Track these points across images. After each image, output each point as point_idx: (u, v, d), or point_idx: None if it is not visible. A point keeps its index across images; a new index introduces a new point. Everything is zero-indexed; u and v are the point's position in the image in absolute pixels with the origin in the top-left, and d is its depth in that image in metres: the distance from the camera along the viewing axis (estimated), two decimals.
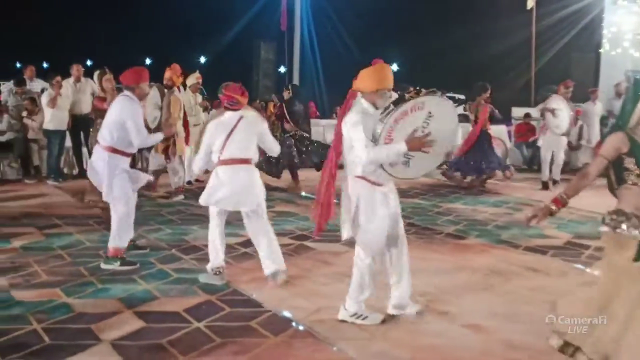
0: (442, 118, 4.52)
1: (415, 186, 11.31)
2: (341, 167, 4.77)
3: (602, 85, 19.79)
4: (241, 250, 6.75)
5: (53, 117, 10.89)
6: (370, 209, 4.60)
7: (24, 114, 11.40)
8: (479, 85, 11.42)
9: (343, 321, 4.75)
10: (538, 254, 6.91)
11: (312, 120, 15.72)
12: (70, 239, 7.09)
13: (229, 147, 5.47)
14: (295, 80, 24.20)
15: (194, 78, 10.67)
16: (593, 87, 18.20)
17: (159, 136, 6.44)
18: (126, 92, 6.06)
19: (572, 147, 13.93)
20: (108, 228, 6.27)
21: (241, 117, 5.55)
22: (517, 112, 17.85)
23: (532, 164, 14.15)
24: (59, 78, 10.96)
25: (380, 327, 4.74)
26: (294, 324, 4.76)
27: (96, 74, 9.28)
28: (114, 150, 5.96)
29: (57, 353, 4.15)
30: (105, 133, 5.99)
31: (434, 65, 31.85)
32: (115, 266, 5.96)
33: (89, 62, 38.62)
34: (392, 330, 4.68)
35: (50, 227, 7.64)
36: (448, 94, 22.60)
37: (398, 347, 4.41)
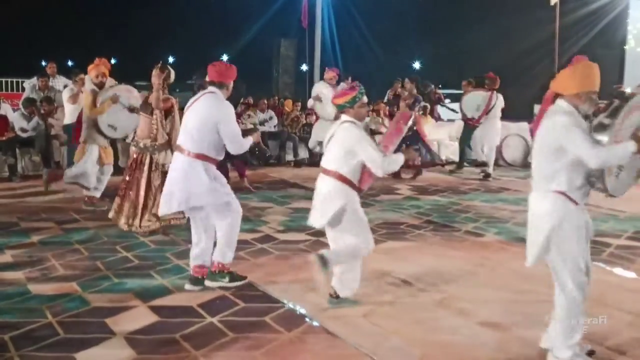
0: None
1: (436, 183, 11.24)
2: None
3: (627, 82, 19.53)
4: (257, 246, 6.75)
5: (73, 113, 10.97)
6: (574, 233, 3.94)
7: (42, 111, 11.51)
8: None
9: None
10: None
11: None
12: (88, 233, 7.14)
13: None
14: (316, 78, 24.17)
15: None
16: (618, 84, 17.94)
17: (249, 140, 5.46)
18: (212, 89, 5.22)
19: None
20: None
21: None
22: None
23: None
24: (82, 75, 11.04)
25: (395, 323, 4.70)
26: (307, 319, 4.74)
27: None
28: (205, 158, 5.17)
29: (70, 346, 4.17)
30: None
31: (456, 62, 31.57)
32: (224, 282, 5.35)
33: (113, 61, 39.06)
34: (406, 327, 4.63)
35: (69, 222, 7.70)
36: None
37: (412, 343, 4.37)
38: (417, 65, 38.99)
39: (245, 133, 5.53)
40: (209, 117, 5.06)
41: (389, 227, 7.73)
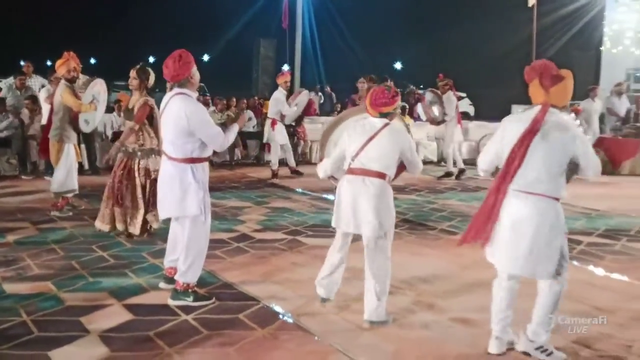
0: None
1: (414, 183, 11.32)
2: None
3: (603, 83, 19.80)
4: (234, 245, 6.78)
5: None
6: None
7: (25, 111, 11.43)
8: None
9: (526, 354, 4.21)
10: None
11: (312, 118, 15.78)
12: (64, 233, 7.12)
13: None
14: (297, 78, 24.24)
15: None
16: (594, 85, 18.16)
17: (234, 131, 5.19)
18: (177, 90, 4.94)
19: None
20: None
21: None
22: (517, 109, 17.82)
23: None
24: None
25: None
26: (281, 317, 4.78)
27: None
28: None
29: (44, 344, 4.18)
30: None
31: (435, 63, 31.78)
32: (188, 301, 5.01)
33: (92, 60, 38.74)
34: (381, 325, 4.68)
35: (45, 222, 7.67)
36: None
37: (385, 339, 4.43)
38: (398, 65, 39.21)
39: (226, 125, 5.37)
40: (180, 124, 4.82)
41: None
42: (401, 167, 4.82)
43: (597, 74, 22.09)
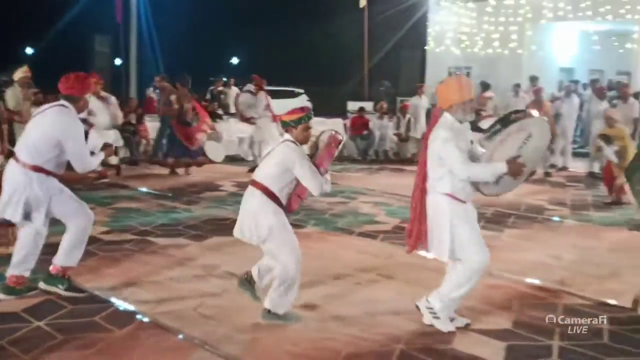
0: (538, 139, 4.61)
1: None
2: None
3: (429, 80, 21.28)
4: None
5: None
6: (466, 224, 4.57)
7: None
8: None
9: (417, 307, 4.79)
10: (369, 238, 7.45)
11: (152, 115, 15.53)
12: None
13: None
14: (133, 73, 23.64)
15: (22, 72, 10.36)
16: (420, 82, 19.49)
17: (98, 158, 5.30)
18: (63, 102, 5.01)
19: (402, 139, 14.92)
20: None
21: None
22: (352, 106, 18.72)
23: (366, 155, 14.96)
24: None
25: (224, 313, 4.97)
26: (138, 316, 4.86)
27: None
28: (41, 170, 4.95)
29: None
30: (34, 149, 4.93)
31: (273, 59, 32.35)
32: (60, 290, 5.14)
33: None
34: (236, 316, 4.91)
35: None
36: (288, 88, 23.19)
37: (242, 330, 4.67)
38: (235, 61, 39.34)
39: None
40: (51, 133, 4.84)
41: (213, 223, 7.96)
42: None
43: (423, 72, 23.65)
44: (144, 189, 10.26)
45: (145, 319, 4.82)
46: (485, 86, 17.72)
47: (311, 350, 4.39)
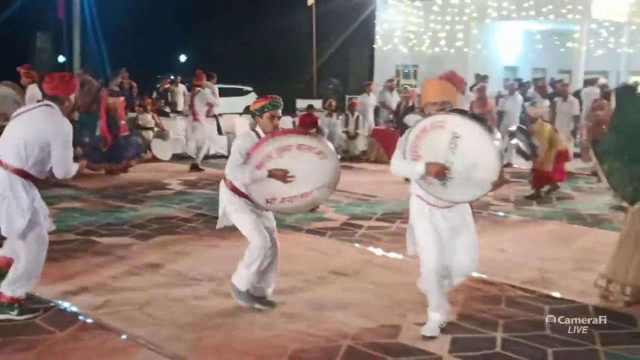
0: (472, 141, 4.19)
1: (206, 177, 11.51)
2: None
3: (376, 78, 21.47)
4: None
5: None
6: (421, 224, 4.55)
7: None
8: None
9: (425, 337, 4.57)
10: (318, 235, 7.47)
11: None
12: None
13: None
14: (77, 69, 23.13)
15: None
16: (369, 80, 19.62)
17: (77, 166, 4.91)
18: (48, 102, 4.72)
19: (351, 137, 14.99)
20: None
21: None
22: (301, 103, 18.73)
23: None
24: None
25: (169, 312, 4.91)
26: (81, 317, 4.76)
27: None
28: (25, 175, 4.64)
29: None
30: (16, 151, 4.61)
31: (221, 57, 32.12)
32: (13, 315, 4.72)
33: None
34: (182, 316, 4.86)
35: None
36: (236, 86, 23.04)
37: (187, 329, 4.62)
38: (183, 58, 38.91)
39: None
40: (42, 133, 4.56)
41: (160, 222, 7.85)
42: None
43: (371, 70, 23.84)
44: (88, 188, 10.04)
45: (88, 320, 4.72)
46: None
47: (258, 347, 4.37)
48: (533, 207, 9.43)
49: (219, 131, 14.78)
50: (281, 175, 4.72)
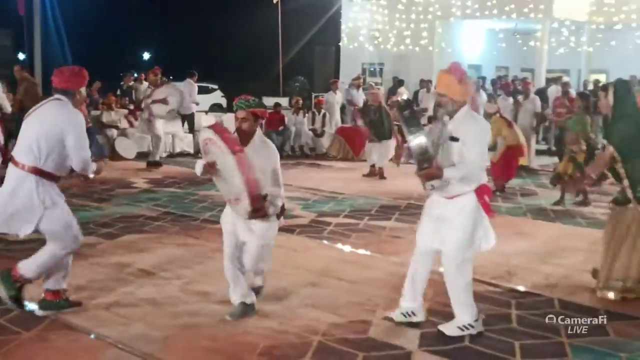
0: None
1: (173, 175, 11.42)
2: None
3: (342, 76, 21.52)
4: None
5: None
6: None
7: None
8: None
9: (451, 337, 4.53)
10: (286, 233, 7.43)
11: None
12: None
13: None
14: (37, 67, 22.72)
15: None
16: (335, 78, 19.67)
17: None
18: (58, 96, 4.65)
19: (317, 134, 15.02)
20: None
21: None
22: (268, 101, 18.64)
23: (282, 150, 14.95)
24: None
25: (138, 311, 4.86)
26: (47, 317, 4.69)
27: None
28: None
29: None
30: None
31: (186, 54, 31.86)
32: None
33: None
34: (149, 314, 4.82)
35: None
36: (201, 84, 22.85)
37: (155, 328, 4.57)
38: (146, 56, 38.51)
39: None
40: (54, 126, 4.49)
41: (126, 221, 7.77)
42: None
43: (338, 68, 23.88)
44: None
45: (55, 320, 4.64)
46: (399, 82, 18.13)
47: (228, 345, 4.35)
48: (498, 202, 9.55)
49: (192, 129, 14.73)
50: (207, 167, 4.69)
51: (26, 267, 4.68)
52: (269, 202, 4.69)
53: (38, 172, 4.51)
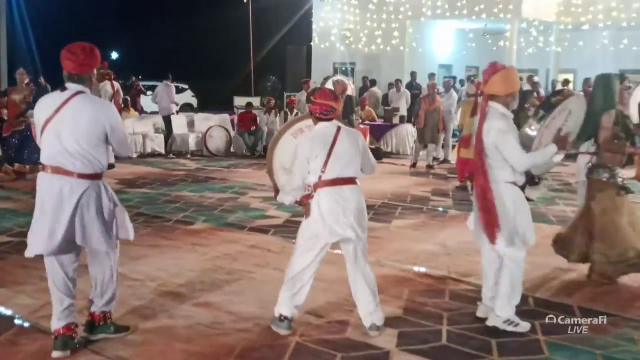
0: (577, 113, 4.87)
1: (143, 176, 11.29)
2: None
3: (314, 76, 21.48)
4: None
5: None
6: (525, 210, 4.68)
7: None
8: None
9: (494, 327, 4.62)
10: (261, 233, 7.41)
11: None
12: None
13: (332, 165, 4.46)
14: (4, 68, 22.35)
15: None
16: (306, 77, 19.63)
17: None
18: (75, 87, 4.08)
19: None
20: None
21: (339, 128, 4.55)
22: (239, 101, 18.59)
23: (254, 150, 14.89)
24: None
25: (113, 314, 4.76)
26: (18, 321, 4.59)
27: None
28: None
29: None
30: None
31: (156, 54, 31.54)
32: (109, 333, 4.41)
33: None
34: (124, 317, 4.74)
35: None
36: (174, 84, 22.66)
37: (132, 331, 4.49)
38: (114, 55, 38.01)
39: None
40: (95, 123, 4.03)
41: None
42: None
43: (309, 67, 23.84)
44: (21, 190, 9.69)
45: (26, 324, 4.56)
46: (372, 82, 18.20)
47: (205, 347, 4.30)
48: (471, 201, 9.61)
49: (169, 129, 14.60)
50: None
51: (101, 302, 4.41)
52: None
53: (96, 176, 4.28)
